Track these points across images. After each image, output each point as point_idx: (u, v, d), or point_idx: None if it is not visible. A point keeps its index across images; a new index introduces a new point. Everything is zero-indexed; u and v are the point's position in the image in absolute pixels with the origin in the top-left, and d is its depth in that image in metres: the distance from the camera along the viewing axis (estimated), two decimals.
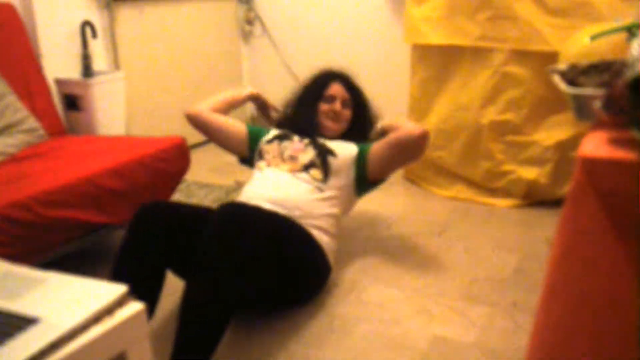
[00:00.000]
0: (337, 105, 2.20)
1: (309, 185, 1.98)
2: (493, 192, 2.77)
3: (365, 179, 2.10)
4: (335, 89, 2.25)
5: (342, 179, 2.06)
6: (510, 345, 1.69)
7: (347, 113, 2.22)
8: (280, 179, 1.99)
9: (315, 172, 2.02)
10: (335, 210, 2.03)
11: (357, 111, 2.26)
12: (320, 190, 1.99)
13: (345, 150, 2.09)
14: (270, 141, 2.15)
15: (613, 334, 0.89)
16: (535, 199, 2.70)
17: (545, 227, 2.47)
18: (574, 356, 0.93)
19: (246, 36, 4.23)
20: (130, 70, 3.28)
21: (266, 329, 1.82)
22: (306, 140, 2.11)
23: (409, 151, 2.08)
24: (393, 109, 3.77)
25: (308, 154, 2.06)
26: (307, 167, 2.02)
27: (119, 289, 1.01)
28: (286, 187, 1.96)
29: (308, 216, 1.91)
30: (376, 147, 2.09)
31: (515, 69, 2.59)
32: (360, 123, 2.24)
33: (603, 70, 1.14)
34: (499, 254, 2.25)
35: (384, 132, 2.16)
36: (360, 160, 2.09)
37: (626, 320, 0.87)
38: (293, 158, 2.06)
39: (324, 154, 2.05)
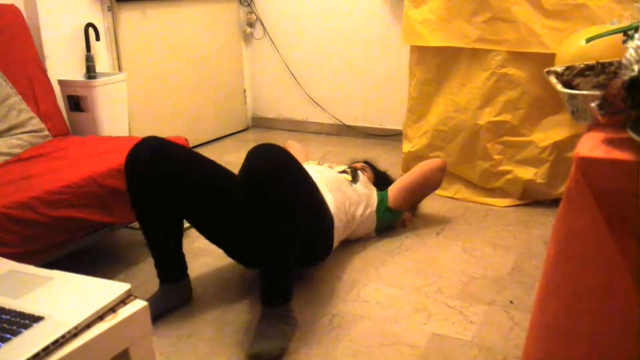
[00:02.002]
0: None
1: (341, 177, 2.30)
2: (490, 192, 2.79)
3: (386, 202, 2.40)
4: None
5: (368, 191, 2.37)
6: (508, 342, 1.71)
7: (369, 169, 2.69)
8: (316, 167, 2.35)
9: (347, 176, 2.35)
10: (356, 208, 2.24)
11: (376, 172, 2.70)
12: (350, 186, 2.29)
13: (368, 182, 2.47)
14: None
15: (610, 332, 0.90)
16: (532, 198, 2.72)
17: (542, 226, 2.48)
18: (570, 354, 0.94)
19: (247, 38, 4.25)
20: (132, 72, 3.29)
21: None
22: (342, 166, 2.54)
23: (429, 176, 2.47)
24: (392, 110, 3.80)
25: (342, 167, 2.47)
26: (339, 172, 2.38)
27: (123, 287, 1.02)
28: (322, 169, 2.31)
29: (336, 190, 2.15)
30: (398, 181, 2.49)
31: (512, 71, 2.61)
32: (380, 178, 2.66)
33: (599, 71, 1.15)
34: (496, 253, 2.26)
35: None
36: (383, 194, 2.44)
37: (623, 319, 0.87)
38: (329, 166, 2.46)
39: (355, 170, 2.45)
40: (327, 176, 2.22)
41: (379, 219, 2.38)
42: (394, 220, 2.46)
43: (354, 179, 2.35)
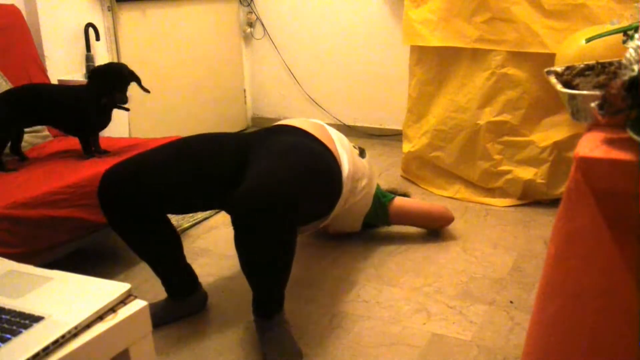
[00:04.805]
0: None
1: (352, 147, 2.17)
2: (490, 192, 2.79)
3: (387, 203, 2.36)
4: None
5: (371, 172, 2.27)
6: (508, 342, 1.71)
7: None
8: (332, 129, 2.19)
9: (355, 150, 2.22)
10: (361, 178, 2.14)
11: None
12: (358, 157, 2.18)
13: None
14: None
15: (610, 332, 0.89)
16: (532, 198, 2.72)
17: (542, 226, 2.48)
18: (570, 354, 0.94)
19: (247, 38, 4.25)
20: None
21: None
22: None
23: (431, 222, 2.43)
24: (392, 110, 3.80)
25: (352, 143, 2.26)
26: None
27: (123, 287, 1.02)
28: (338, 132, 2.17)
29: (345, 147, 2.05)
30: (405, 200, 2.41)
31: (512, 71, 2.61)
32: None
33: (599, 71, 1.15)
34: (496, 253, 2.26)
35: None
36: (388, 195, 2.38)
37: (623, 319, 0.87)
38: None
39: (362, 149, 2.32)
40: (344, 139, 2.12)
41: (371, 209, 2.30)
42: (380, 220, 2.39)
43: (361, 155, 2.26)
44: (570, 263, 0.91)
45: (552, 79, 1.13)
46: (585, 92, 0.99)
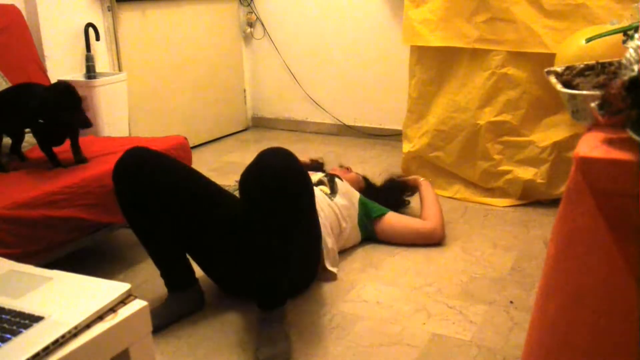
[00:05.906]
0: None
1: (319, 193, 2.16)
2: (490, 192, 2.79)
3: (372, 222, 2.35)
4: None
5: (347, 202, 2.26)
6: (508, 342, 1.71)
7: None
8: None
9: (324, 188, 2.25)
10: (339, 223, 2.19)
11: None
12: (330, 200, 2.20)
13: (349, 187, 2.37)
14: None
15: (610, 333, 0.89)
16: (532, 198, 2.72)
17: (542, 226, 2.48)
18: (570, 354, 0.94)
19: (247, 38, 4.25)
20: (132, 72, 3.30)
21: None
22: (319, 173, 2.44)
23: (422, 240, 2.36)
24: (392, 110, 3.80)
25: (317, 176, 2.34)
26: (316, 184, 2.25)
27: (123, 287, 1.02)
28: None
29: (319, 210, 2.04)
30: (393, 221, 2.36)
31: (512, 71, 2.61)
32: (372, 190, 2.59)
33: (599, 71, 1.15)
34: (496, 253, 2.26)
35: (411, 188, 2.59)
36: (365, 210, 2.34)
37: (623, 319, 0.87)
38: None
39: (332, 177, 2.33)
40: (322, 200, 2.16)
41: (362, 232, 2.34)
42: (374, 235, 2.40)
43: (332, 191, 2.25)
44: (570, 263, 0.91)
45: (552, 79, 1.13)
46: (585, 92, 0.99)
